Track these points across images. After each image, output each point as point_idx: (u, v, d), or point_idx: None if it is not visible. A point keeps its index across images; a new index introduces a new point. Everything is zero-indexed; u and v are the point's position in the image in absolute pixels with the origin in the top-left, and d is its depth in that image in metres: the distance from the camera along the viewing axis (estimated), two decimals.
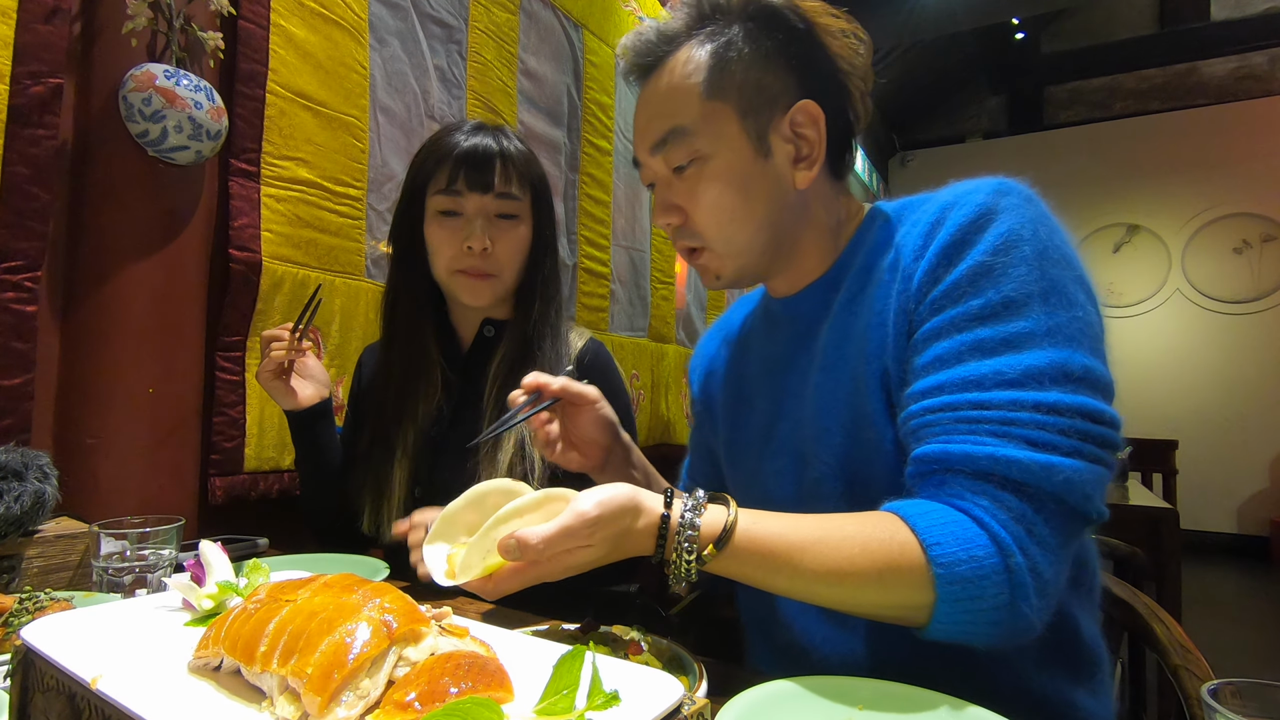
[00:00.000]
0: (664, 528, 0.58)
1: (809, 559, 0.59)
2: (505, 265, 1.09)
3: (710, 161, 0.74)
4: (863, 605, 0.61)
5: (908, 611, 0.59)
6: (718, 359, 0.98)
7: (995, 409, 0.59)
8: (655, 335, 2.91)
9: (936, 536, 0.57)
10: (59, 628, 0.51)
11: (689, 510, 0.59)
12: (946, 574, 0.56)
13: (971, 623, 0.57)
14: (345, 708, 0.39)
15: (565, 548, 0.54)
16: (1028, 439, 0.58)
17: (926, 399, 0.63)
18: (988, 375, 0.60)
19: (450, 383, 1.13)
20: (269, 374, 1.07)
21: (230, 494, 1.33)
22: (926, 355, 0.64)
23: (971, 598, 0.56)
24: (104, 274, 1.17)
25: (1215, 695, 0.41)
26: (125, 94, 1.14)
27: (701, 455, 1.01)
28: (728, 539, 0.58)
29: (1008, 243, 0.63)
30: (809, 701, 0.54)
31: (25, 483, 0.86)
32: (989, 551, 0.56)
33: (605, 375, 1.12)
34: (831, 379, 0.74)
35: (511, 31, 2.11)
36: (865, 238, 0.78)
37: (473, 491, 0.61)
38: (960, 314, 0.63)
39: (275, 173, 1.41)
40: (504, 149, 1.07)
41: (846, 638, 0.73)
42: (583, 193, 2.45)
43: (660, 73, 0.76)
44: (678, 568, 0.58)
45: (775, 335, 0.86)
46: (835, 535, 0.59)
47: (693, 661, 0.60)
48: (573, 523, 0.54)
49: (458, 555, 0.57)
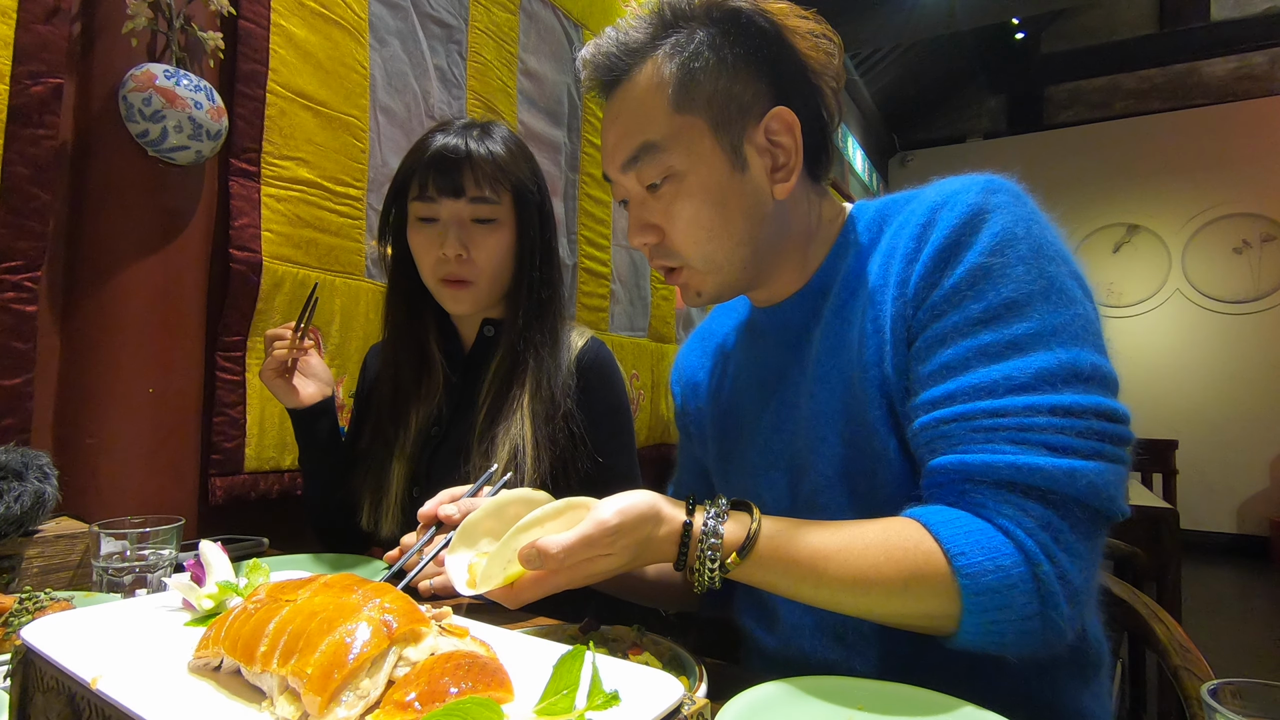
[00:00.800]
0: (686, 536, 0.58)
1: (834, 567, 0.58)
2: (483, 271, 1.06)
3: (685, 178, 0.71)
4: (888, 614, 0.60)
5: (934, 621, 0.59)
6: (700, 370, 0.96)
7: (1011, 415, 0.58)
8: (655, 335, 2.91)
9: (961, 546, 0.56)
10: (59, 628, 0.51)
11: (712, 518, 0.58)
12: (972, 584, 0.55)
13: (1000, 632, 0.56)
14: (345, 708, 0.39)
15: (585, 556, 0.54)
16: (1047, 444, 0.57)
17: (938, 409, 0.62)
18: (999, 381, 0.59)
19: (450, 383, 1.13)
20: (272, 372, 1.07)
21: (230, 494, 1.33)
22: (932, 363, 0.63)
23: (999, 607, 0.55)
24: (104, 274, 1.17)
25: (1215, 695, 0.41)
26: (125, 94, 1.14)
27: (690, 470, 0.99)
28: (751, 547, 0.58)
29: (1003, 242, 0.62)
30: (808, 702, 0.54)
31: (25, 483, 0.86)
32: (1015, 560, 0.55)
33: (605, 377, 1.12)
34: (826, 388, 0.73)
35: (511, 31, 2.11)
36: (850, 241, 0.77)
37: (493, 501, 0.61)
38: (963, 319, 0.62)
39: (275, 173, 1.41)
40: (472, 151, 1.03)
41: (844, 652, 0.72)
42: (583, 193, 2.45)
43: (625, 87, 0.73)
44: (700, 575, 0.58)
45: (761, 345, 0.85)
46: (859, 543, 0.59)
47: (693, 661, 0.60)
48: (593, 531, 0.53)
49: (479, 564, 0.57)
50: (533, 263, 1.10)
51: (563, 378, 1.07)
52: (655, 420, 2.88)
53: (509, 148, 1.08)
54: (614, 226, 2.63)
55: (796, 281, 0.79)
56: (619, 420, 1.12)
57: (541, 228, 1.11)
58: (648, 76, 0.71)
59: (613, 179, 0.77)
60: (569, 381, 1.08)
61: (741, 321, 0.92)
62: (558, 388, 1.06)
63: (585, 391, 1.08)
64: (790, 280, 0.79)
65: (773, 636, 0.80)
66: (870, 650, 0.71)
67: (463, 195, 1.03)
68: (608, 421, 1.09)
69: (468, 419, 1.08)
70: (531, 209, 1.09)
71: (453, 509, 0.73)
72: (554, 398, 1.05)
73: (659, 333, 2.94)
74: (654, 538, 0.57)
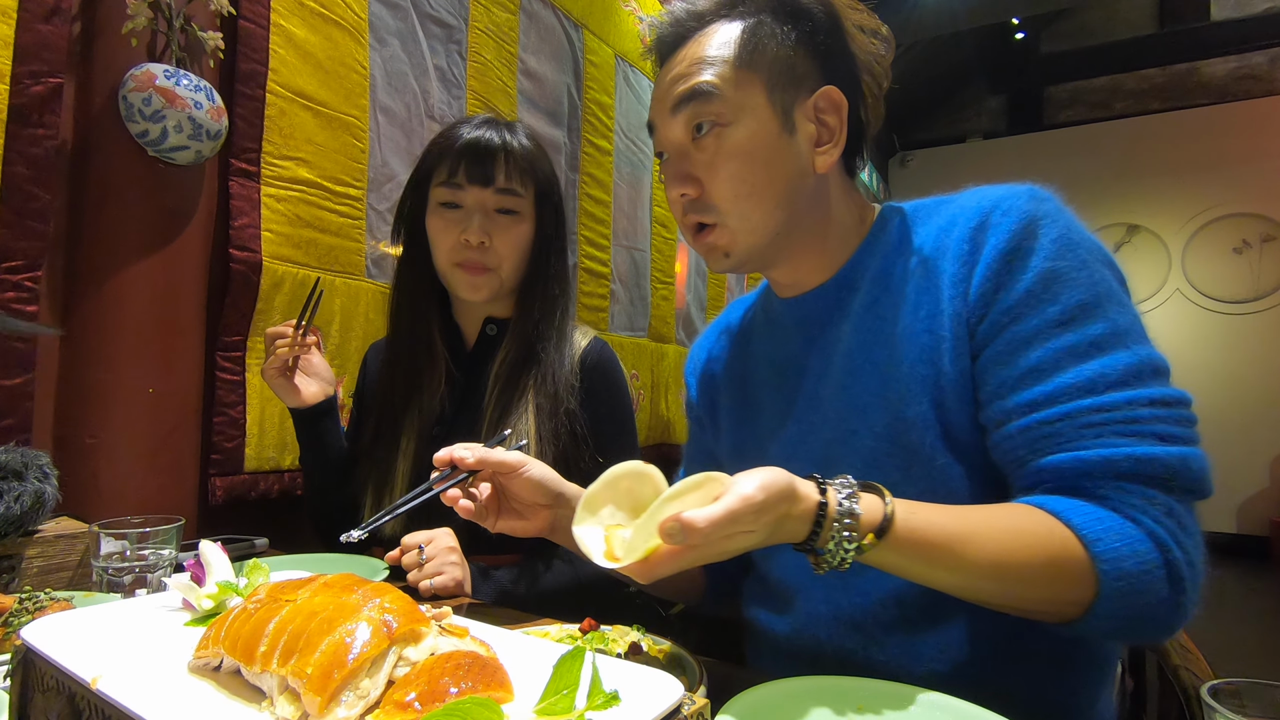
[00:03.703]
0: (821, 514, 0.55)
1: (972, 551, 0.58)
2: (504, 260, 1.08)
3: (733, 130, 0.72)
4: (1019, 600, 0.60)
5: (1062, 608, 0.59)
6: (718, 359, 0.96)
7: (1116, 410, 0.60)
8: (655, 335, 2.91)
9: (1098, 533, 0.57)
10: (59, 628, 0.51)
11: (845, 498, 0.56)
12: (1113, 570, 0.56)
13: (1129, 618, 0.58)
14: (345, 708, 0.39)
15: (728, 532, 0.51)
16: (1156, 434, 0.59)
17: (1038, 410, 0.62)
18: (1096, 379, 0.61)
19: (454, 380, 1.13)
20: (274, 371, 1.07)
21: (230, 494, 1.33)
22: (1018, 366, 0.64)
23: (1135, 593, 0.57)
24: (104, 274, 1.17)
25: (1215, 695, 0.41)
26: (125, 94, 1.14)
27: (700, 461, 0.98)
28: (888, 528, 0.56)
29: (1064, 246, 0.65)
30: (808, 702, 0.54)
31: (25, 483, 0.86)
32: (1149, 548, 0.57)
33: (607, 377, 1.12)
34: (859, 383, 0.73)
35: (511, 31, 2.11)
36: (880, 239, 0.78)
37: (607, 474, 0.59)
38: (1042, 322, 0.64)
39: (275, 173, 1.41)
40: (507, 144, 1.07)
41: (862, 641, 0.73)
42: (583, 193, 2.45)
43: (689, 44, 0.75)
44: (833, 556, 0.56)
45: (781, 337, 0.85)
46: (992, 528, 0.59)
47: (693, 661, 0.60)
48: (738, 507, 0.51)
49: (614, 537, 0.55)
50: (547, 258, 1.12)
51: (566, 375, 1.08)
52: (655, 420, 2.88)
53: (535, 144, 1.11)
54: (614, 227, 2.63)
55: (822, 272, 0.79)
56: (622, 422, 1.13)
57: (557, 225, 1.14)
58: (712, 35, 0.74)
59: (657, 125, 0.77)
60: (572, 380, 1.08)
61: (761, 313, 0.92)
62: (561, 384, 1.06)
63: (589, 393, 1.08)
64: (814, 269, 0.79)
65: (786, 625, 0.79)
66: (889, 641, 0.71)
67: (491, 184, 1.06)
68: (611, 423, 1.10)
69: (471, 417, 1.08)
70: (550, 206, 1.12)
71: (466, 452, 0.74)
72: (557, 393, 1.05)
73: (659, 333, 2.94)
74: (790, 515, 0.55)
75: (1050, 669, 0.69)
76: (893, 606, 0.71)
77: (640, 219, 2.85)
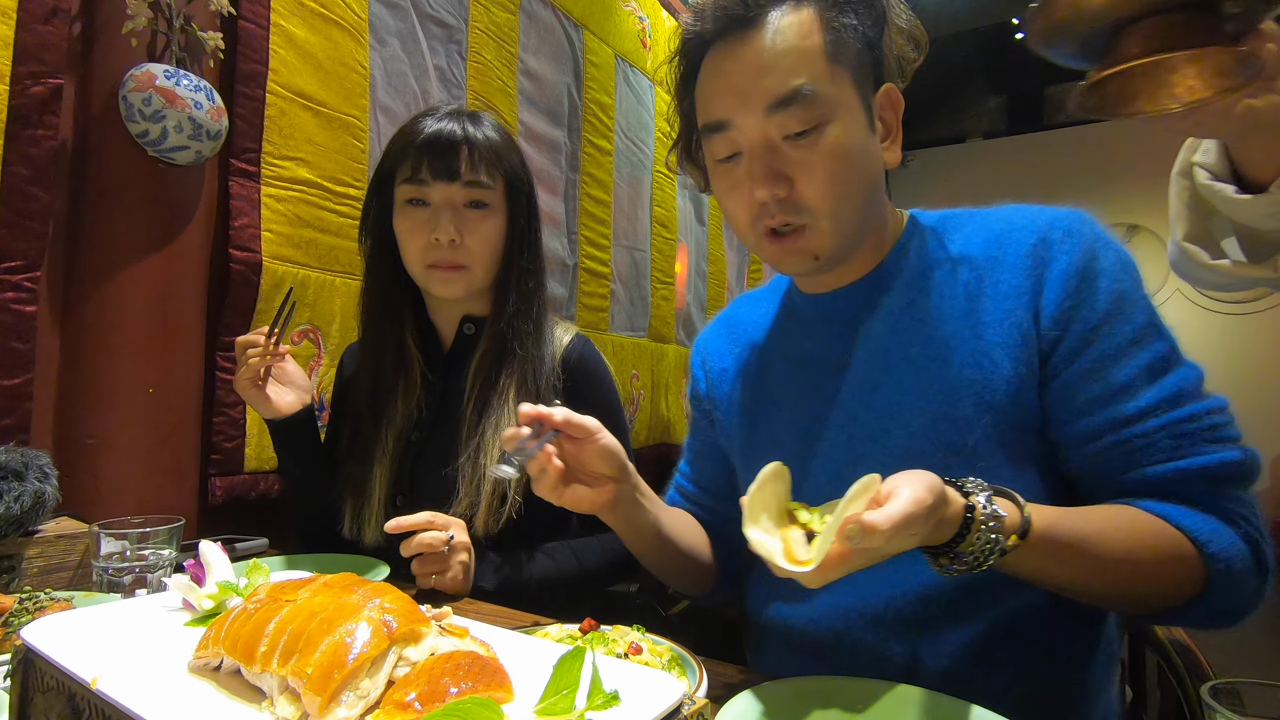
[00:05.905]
0: (969, 516, 0.55)
1: (1101, 551, 0.61)
2: (477, 257, 1.04)
3: (830, 129, 0.69)
4: (1140, 596, 0.64)
5: (1170, 602, 0.64)
6: (727, 356, 0.94)
7: (1197, 420, 0.65)
8: (655, 335, 2.91)
9: (1207, 534, 0.61)
10: (59, 628, 0.51)
11: (986, 500, 0.56)
12: (1224, 567, 0.61)
13: (1227, 609, 0.64)
14: (345, 708, 0.39)
15: (903, 534, 0.51)
16: (1230, 439, 0.65)
17: (1135, 424, 0.66)
18: (1179, 394, 0.66)
19: (430, 384, 1.10)
20: (246, 382, 1.03)
21: (230, 494, 1.33)
22: (1106, 384, 0.67)
23: (1235, 587, 0.62)
24: (104, 274, 1.17)
25: (1215, 695, 0.41)
26: (125, 94, 1.14)
27: (707, 457, 0.97)
28: (1028, 529, 0.57)
29: (1123, 267, 0.69)
30: (808, 702, 0.54)
31: (25, 483, 0.86)
32: (1245, 547, 0.63)
33: (591, 375, 1.09)
34: (894, 381, 0.73)
35: (511, 31, 2.11)
36: (913, 242, 0.78)
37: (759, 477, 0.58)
38: (1121, 340, 0.67)
39: (275, 173, 1.41)
40: (470, 135, 1.02)
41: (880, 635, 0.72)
42: (583, 193, 2.45)
43: (764, 30, 0.69)
44: (974, 558, 0.55)
45: (804, 333, 0.84)
46: (1115, 528, 0.62)
47: (693, 661, 0.60)
48: (914, 509, 0.50)
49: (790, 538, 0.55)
50: (521, 252, 1.09)
51: (547, 373, 1.05)
52: (655, 420, 2.88)
53: (501, 135, 1.07)
54: (614, 226, 2.63)
55: (855, 271, 0.79)
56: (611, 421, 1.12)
57: (530, 217, 1.10)
58: (793, 23, 0.69)
59: (737, 124, 0.71)
60: (554, 379, 1.06)
61: (774, 309, 0.91)
62: (543, 381, 1.04)
63: (572, 394, 1.06)
64: (851, 267, 0.79)
65: (803, 617, 0.79)
66: (909, 635, 0.71)
67: (457, 179, 1.02)
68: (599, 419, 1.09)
69: (450, 420, 1.06)
70: (522, 197, 1.08)
71: (549, 410, 0.71)
72: (539, 391, 1.02)
73: (659, 333, 2.94)
74: (944, 518, 0.54)
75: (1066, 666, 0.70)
76: (916, 602, 0.71)
77: (640, 219, 2.85)
